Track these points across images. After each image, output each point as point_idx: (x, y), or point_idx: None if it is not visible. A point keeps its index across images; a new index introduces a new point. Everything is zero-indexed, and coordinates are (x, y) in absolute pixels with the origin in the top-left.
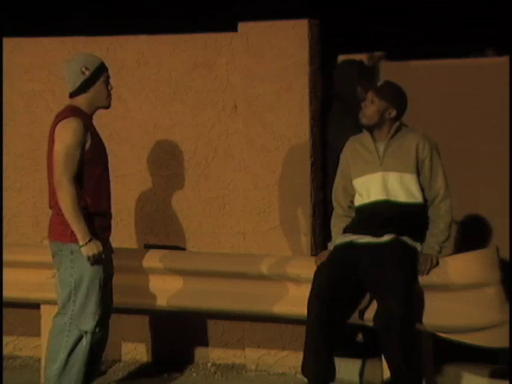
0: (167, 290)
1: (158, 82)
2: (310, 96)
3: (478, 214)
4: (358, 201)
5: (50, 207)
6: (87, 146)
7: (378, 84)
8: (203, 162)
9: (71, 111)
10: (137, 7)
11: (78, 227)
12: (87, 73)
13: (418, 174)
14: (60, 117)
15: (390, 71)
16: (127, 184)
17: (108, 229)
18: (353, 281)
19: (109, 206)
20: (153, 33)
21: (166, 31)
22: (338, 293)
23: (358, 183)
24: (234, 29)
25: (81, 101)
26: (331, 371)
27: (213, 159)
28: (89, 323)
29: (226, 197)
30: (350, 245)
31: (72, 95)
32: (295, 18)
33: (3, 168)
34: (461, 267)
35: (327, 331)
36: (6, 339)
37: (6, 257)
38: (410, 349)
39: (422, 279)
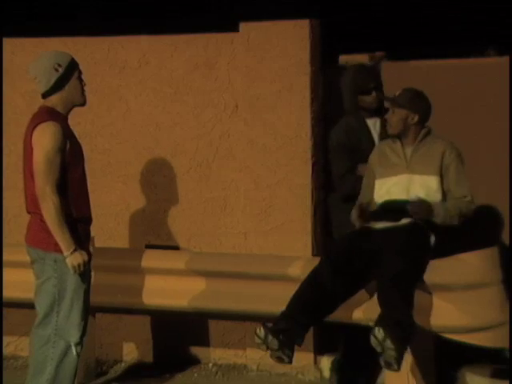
0: (168, 290)
1: (159, 82)
2: (311, 96)
3: (478, 213)
4: (379, 200)
5: (28, 212)
6: (67, 149)
7: (397, 93)
8: (204, 162)
9: (48, 114)
10: (138, 7)
11: (62, 238)
12: (60, 69)
13: (441, 177)
14: (37, 120)
15: (390, 71)
16: (128, 184)
17: (89, 235)
18: (361, 262)
19: (89, 211)
20: (154, 33)
21: (167, 31)
22: (350, 265)
23: (381, 184)
24: (235, 29)
25: (56, 100)
26: (303, 333)
27: (214, 159)
28: (75, 334)
29: (227, 197)
30: (367, 229)
31: (46, 95)
32: (296, 18)
33: (3, 168)
34: (461, 267)
35: (326, 293)
36: (7, 339)
37: (6, 257)
38: (403, 280)
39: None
